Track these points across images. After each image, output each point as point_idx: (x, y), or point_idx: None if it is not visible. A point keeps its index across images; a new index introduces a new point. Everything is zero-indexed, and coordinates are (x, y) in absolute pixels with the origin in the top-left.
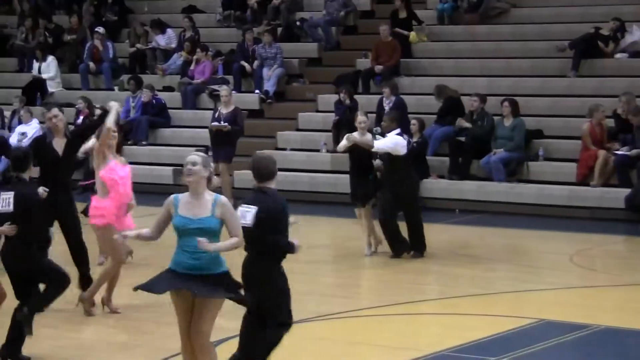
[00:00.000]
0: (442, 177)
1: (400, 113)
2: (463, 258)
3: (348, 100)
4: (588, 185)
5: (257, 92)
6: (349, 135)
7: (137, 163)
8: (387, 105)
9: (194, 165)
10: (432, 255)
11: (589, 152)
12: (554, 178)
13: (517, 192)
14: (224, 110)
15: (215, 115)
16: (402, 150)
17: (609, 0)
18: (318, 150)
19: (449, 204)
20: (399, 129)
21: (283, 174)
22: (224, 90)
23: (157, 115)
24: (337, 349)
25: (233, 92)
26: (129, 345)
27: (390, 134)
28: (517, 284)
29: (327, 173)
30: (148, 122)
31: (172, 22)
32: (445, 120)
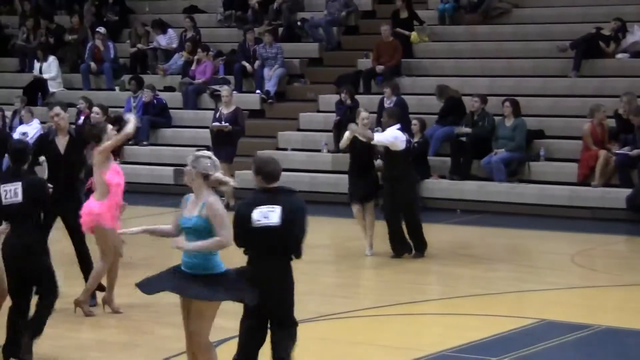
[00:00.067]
0: (443, 177)
1: (399, 109)
2: (464, 258)
3: (349, 101)
4: (589, 186)
5: (258, 92)
6: (351, 125)
7: (138, 163)
8: (388, 106)
9: (186, 166)
10: (433, 256)
11: (590, 152)
12: (555, 178)
13: (518, 192)
14: (225, 111)
15: (216, 116)
16: (400, 145)
17: (611, 1)
18: (319, 151)
19: (450, 204)
20: (399, 124)
21: (284, 174)
22: (225, 91)
23: (158, 116)
24: (338, 349)
25: (234, 92)
26: (129, 345)
27: (391, 128)
28: (518, 284)
29: (328, 173)
30: (149, 122)
31: (173, 22)
32: (447, 121)
